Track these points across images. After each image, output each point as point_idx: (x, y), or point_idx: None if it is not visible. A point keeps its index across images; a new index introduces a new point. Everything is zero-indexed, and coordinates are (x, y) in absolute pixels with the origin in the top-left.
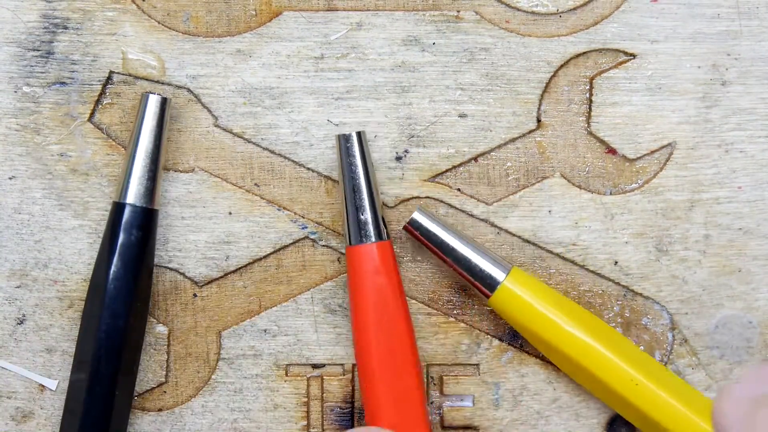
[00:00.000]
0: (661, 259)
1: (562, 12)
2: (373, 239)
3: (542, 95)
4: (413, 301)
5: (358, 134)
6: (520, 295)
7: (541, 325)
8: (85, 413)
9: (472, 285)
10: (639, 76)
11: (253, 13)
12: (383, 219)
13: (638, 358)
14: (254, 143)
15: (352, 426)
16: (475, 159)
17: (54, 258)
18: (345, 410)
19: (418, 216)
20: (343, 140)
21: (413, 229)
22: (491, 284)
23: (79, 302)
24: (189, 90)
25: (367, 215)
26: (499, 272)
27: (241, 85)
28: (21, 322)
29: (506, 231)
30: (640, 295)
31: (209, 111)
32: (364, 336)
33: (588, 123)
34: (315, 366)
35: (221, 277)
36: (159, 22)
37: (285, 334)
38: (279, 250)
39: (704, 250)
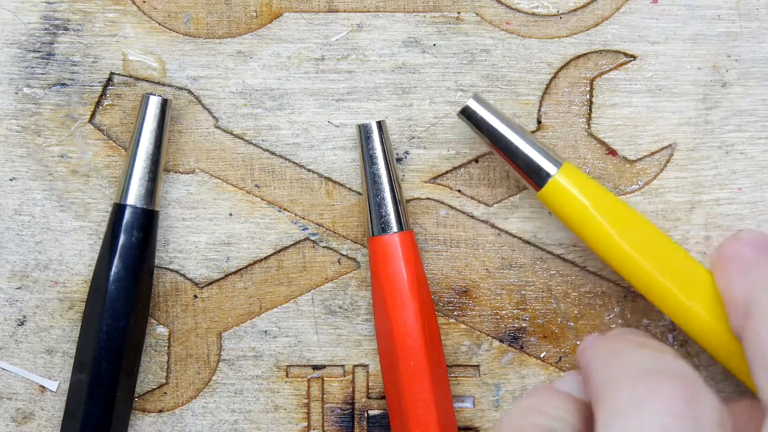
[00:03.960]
0: None
1: (563, 13)
2: (395, 229)
3: (542, 96)
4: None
5: (378, 123)
6: (569, 190)
7: (586, 225)
8: (85, 414)
9: (522, 177)
10: (639, 77)
11: (254, 14)
12: (405, 209)
13: (688, 277)
14: (255, 144)
15: (353, 427)
16: (476, 160)
17: (55, 259)
18: (345, 411)
19: (472, 103)
20: (364, 130)
21: (466, 116)
22: (541, 178)
23: (79, 303)
24: (189, 91)
25: (389, 205)
26: (550, 166)
27: (241, 86)
28: (22, 324)
29: (507, 232)
30: (641, 296)
31: (210, 112)
32: (403, 328)
33: (588, 124)
34: (315, 367)
35: (222, 278)
36: (160, 24)
37: (285, 336)
38: (279, 251)
39: (704, 251)
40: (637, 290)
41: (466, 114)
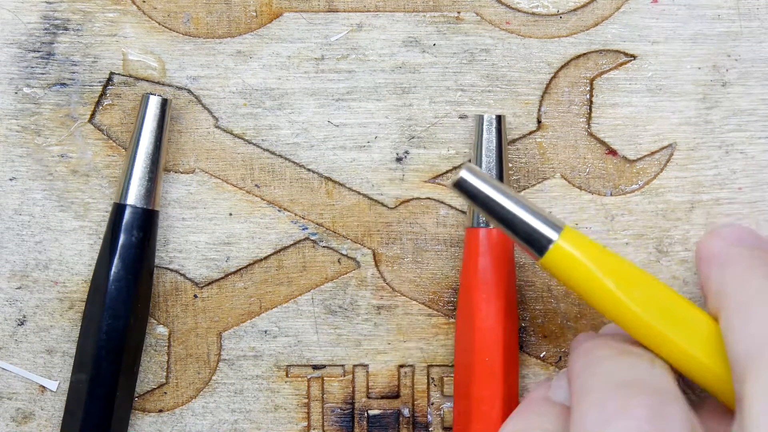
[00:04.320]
0: (662, 260)
1: (563, 13)
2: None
3: (542, 96)
4: (414, 302)
5: (498, 117)
6: (574, 256)
7: (590, 292)
8: (85, 414)
9: (521, 248)
10: (639, 77)
11: (254, 14)
12: None
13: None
14: (255, 144)
15: (353, 427)
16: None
17: (54, 259)
18: (345, 411)
19: (465, 174)
20: (482, 121)
21: (459, 189)
22: (539, 247)
23: (79, 303)
24: (189, 91)
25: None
26: (551, 232)
27: (241, 86)
28: (21, 323)
29: None
30: None
31: (210, 112)
32: (486, 323)
33: (588, 124)
34: (315, 367)
35: (222, 278)
36: (159, 24)
37: (285, 335)
38: (279, 251)
39: None
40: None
41: (460, 186)
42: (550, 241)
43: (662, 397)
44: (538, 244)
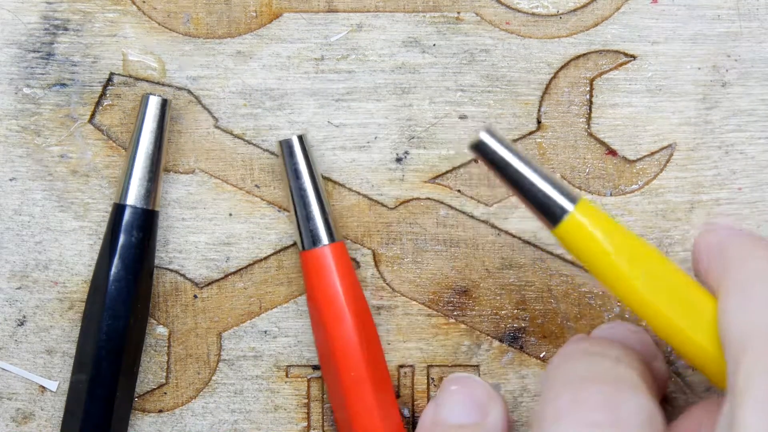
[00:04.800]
0: None
1: (563, 13)
2: (326, 242)
3: (542, 96)
4: (413, 302)
5: (300, 138)
6: (587, 229)
7: (599, 267)
8: (85, 414)
9: (535, 215)
10: (639, 77)
11: (254, 14)
12: (334, 220)
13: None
14: (255, 144)
15: None
16: (476, 160)
17: (54, 259)
18: None
19: (485, 136)
20: (285, 145)
21: (477, 151)
22: (554, 216)
23: (79, 303)
24: (189, 91)
25: (317, 219)
26: (566, 203)
27: (241, 86)
28: (21, 324)
29: (507, 232)
30: None
31: (209, 112)
32: (340, 340)
33: (588, 124)
34: (315, 367)
35: (222, 278)
36: (159, 24)
37: (285, 336)
38: (279, 251)
39: None
40: (652, 330)
41: (478, 148)
42: (565, 211)
43: (617, 386)
44: (552, 214)
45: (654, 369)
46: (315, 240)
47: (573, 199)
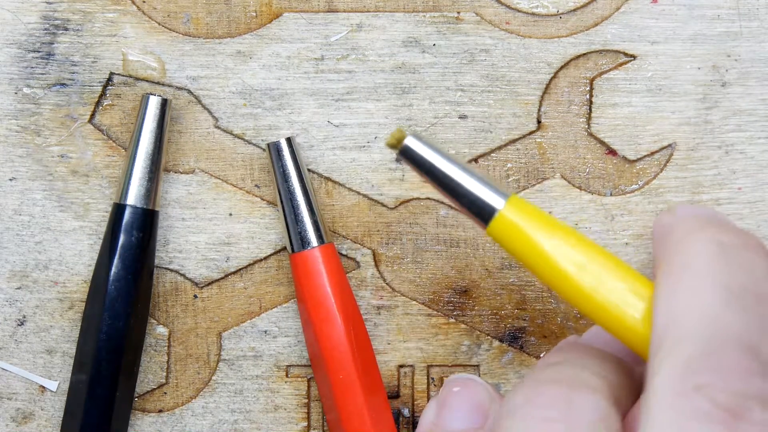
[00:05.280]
0: None
1: (563, 13)
2: (315, 244)
3: (542, 96)
4: (413, 302)
5: (288, 140)
6: (518, 225)
7: (537, 260)
8: (85, 414)
9: (467, 216)
10: (639, 77)
11: (254, 14)
12: (323, 222)
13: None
14: (255, 144)
15: None
16: (476, 160)
17: (54, 259)
18: None
19: (411, 142)
20: (274, 148)
21: (405, 157)
22: (487, 213)
23: (79, 303)
24: (189, 91)
25: (306, 220)
26: (497, 200)
27: (241, 86)
28: (21, 324)
29: None
30: None
31: (209, 112)
32: (329, 342)
33: (588, 124)
34: None
35: (222, 278)
36: (159, 24)
37: (285, 335)
38: (279, 251)
39: None
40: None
41: (405, 154)
42: (494, 209)
43: (573, 387)
44: (483, 214)
45: (636, 373)
46: (304, 242)
47: (503, 196)
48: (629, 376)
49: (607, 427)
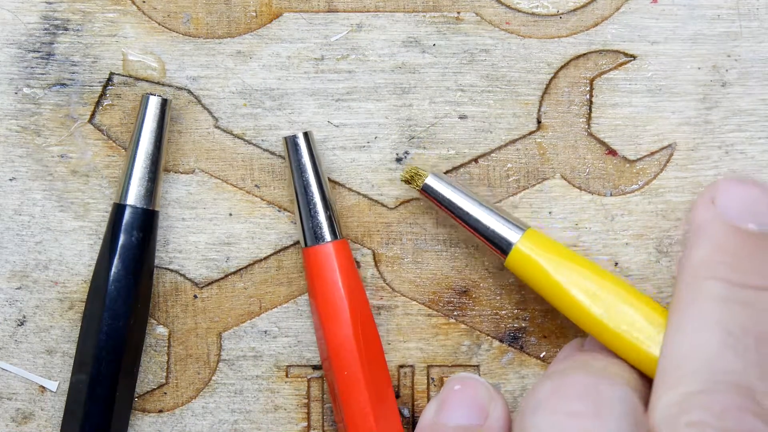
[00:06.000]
0: (662, 261)
1: (563, 13)
2: (329, 239)
3: (542, 96)
4: (413, 302)
5: (305, 134)
6: (533, 258)
7: (552, 290)
8: (85, 414)
9: (488, 247)
10: (639, 77)
11: (254, 14)
12: (337, 218)
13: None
14: (255, 144)
15: None
16: (476, 160)
17: (54, 259)
18: None
19: (432, 180)
20: (291, 142)
21: (428, 194)
22: (504, 246)
23: (79, 303)
24: (189, 91)
25: (321, 215)
26: (513, 234)
27: (241, 86)
28: (21, 324)
29: None
30: None
31: (209, 112)
32: (336, 338)
33: (588, 124)
34: (315, 367)
35: (222, 278)
36: (159, 24)
37: (285, 336)
38: (279, 251)
39: None
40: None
41: (428, 191)
42: (510, 244)
43: (599, 378)
44: (501, 247)
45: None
46: (318, 237)
47: (519, 231)
48: (644, 377)
49: (636, 421)
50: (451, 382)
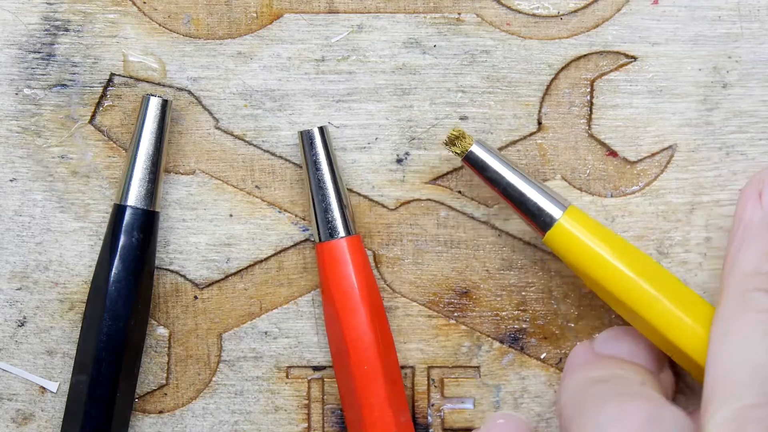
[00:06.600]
0: (662, 262)
1: (563, 14)
2: (343, 234)
3: (543, 98)
4: (414, 303)
5: (321, 129)
6: (574, 234)
7: (592, 266)
8: (85, 415)
9: (527, 222)
10: (640, 78)
11: (254, 15)
12: (351, 213)
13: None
14: (255, 145)
15: None
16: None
17: (55, 260)
18: None
19: (476, 149)
20: (306, 136)
21: (470, 162)
22: (548, 220)
23: (80, 304)
24: (190, 92)
25: (335, 210)
26: (556, 210)
27: (242, 87)
28: (22, 325)
29: (507, 233)
30: None
31: (210, 113)
32: (354, 333)
33: (589, 125)
34: (316, 368)
35: (222, 279)
36: (160, 25)
37: (286, 336)
38: (280, 252)
39: (705, 252)
40: (647, 320)
41: (470, 159)
42: (553, 219)
43: (656, 402)
44: (542, 222)
45: (661, 380)
46: (332, 232)
47: (562, 207)
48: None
49: None
50: (494, 417)
